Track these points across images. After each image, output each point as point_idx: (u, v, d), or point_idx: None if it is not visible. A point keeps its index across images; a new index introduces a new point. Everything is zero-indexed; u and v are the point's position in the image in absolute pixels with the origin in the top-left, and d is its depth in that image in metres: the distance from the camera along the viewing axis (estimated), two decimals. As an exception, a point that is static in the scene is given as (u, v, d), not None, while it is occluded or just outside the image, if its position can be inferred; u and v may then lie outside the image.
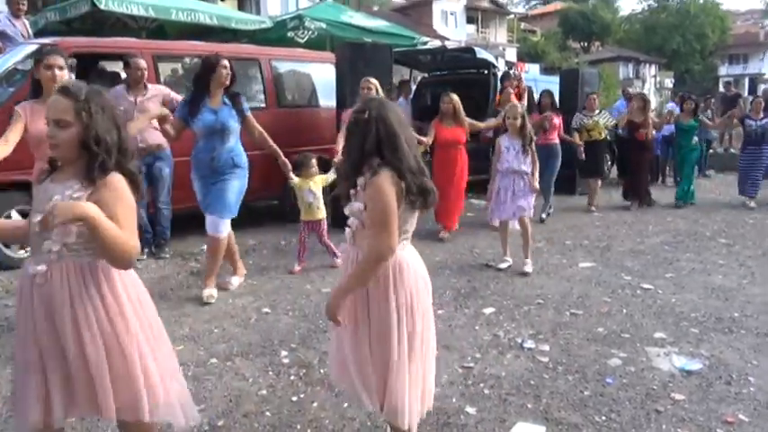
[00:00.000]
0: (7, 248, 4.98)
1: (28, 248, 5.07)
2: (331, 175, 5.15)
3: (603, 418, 2.78)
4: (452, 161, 6.18)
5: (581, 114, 8.09)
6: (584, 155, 7.83)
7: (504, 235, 5.32)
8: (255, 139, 4.51)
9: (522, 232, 5.20)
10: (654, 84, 45.78)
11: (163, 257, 5.44)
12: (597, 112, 8.08)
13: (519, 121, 5.07)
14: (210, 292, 4.34)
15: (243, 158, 4.38)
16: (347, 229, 2.18)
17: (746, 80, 46.88)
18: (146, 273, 5.04)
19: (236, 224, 4.54)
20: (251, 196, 6.34)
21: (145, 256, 5.39)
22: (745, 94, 29.71)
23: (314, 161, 5.16)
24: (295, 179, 4.99)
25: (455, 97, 6.12)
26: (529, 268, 5.07)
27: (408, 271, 2.10)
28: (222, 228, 4.29)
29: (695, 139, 8.57)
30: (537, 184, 5.19)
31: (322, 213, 5.19)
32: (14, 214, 4.97)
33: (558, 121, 7.44)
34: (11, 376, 3.14)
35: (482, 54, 8.78)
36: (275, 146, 4.53)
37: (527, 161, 5.10)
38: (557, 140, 7.41)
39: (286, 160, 4.62)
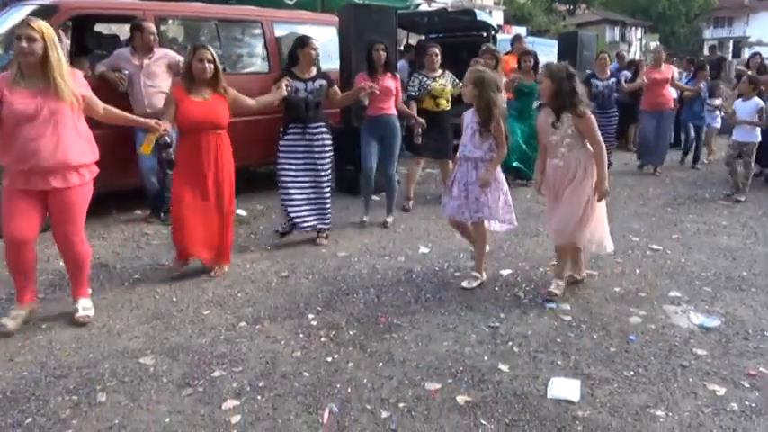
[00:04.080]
0: None
1: None
2: None
3: (632, 372, 2.87)
4: (207, 150, 3.97)
5: (422, 75, 5.94)
6: (419, 136, 5.65)
7: (464, 234, 4.23)
8: None
9: (474, 238, 4.09)
10: (640, 47, 45.71)
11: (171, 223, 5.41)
12: (440, 72, 5.97)
13: (470, 90, 3.80)
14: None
15: None
16: (564, 150, 3.62)
17: (731, 43, 46.99)
18: (157, 238, 5.03)
19: (239, 190, 4.43)
20: (253, 161, 6.37)
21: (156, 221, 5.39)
22: (729, 57, 29.81)
23: None
24: None
25: (209, 53, 3.91)
26: (469, 284, 3.94)
27: None
28: None
29: (536, 103, 6.54)
30: (489, 176, 3.82)
31: None
32: None
33: (393, 84, 5.43)
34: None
35: (482, 16, 8.70)
36: None
37: (484, 146, 3.87)
38: (393, 111, 5.46)
39: None
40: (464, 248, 4.74)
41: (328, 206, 4.90)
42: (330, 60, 6.67)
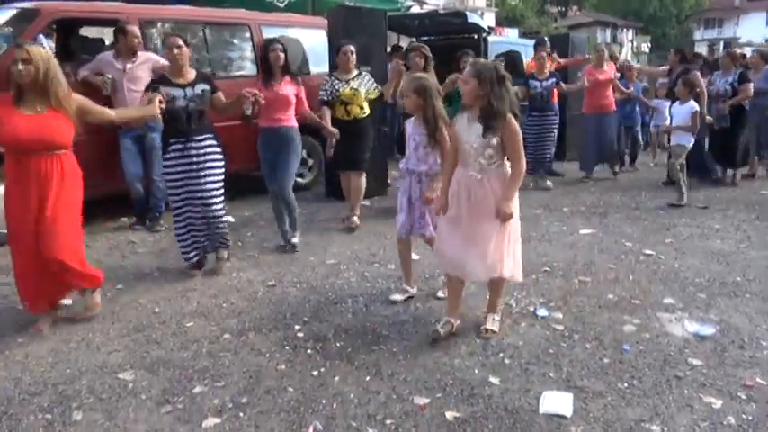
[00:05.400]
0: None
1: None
2: None
3: (626, 384, 2.80)
4: (38, 176, 3.15)
5: (333, 78, 5.32)
6: (333, 148, 5.19)
7: (403, 255, 3.86)
8: None
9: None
10: (631, 48, 45.87)
11: (157, 230, 5.32)
12: (355, 74, 5.32)
13: (414, 100, 3.49)
14: None
15: None
16: (484, 161, 3.09)
17: (721, 44, 47.13)
18: (143, 246, 4.94)
19: (228, 197, 4.28)
20: (238, 166, 6.28)
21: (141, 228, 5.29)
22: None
23: None
24: None
25: (25, 51, 3.05)
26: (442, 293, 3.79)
27: None
28: None
29: None
30: (432, 193, 3.53)
31: None
32: None
33: (292, 90, 4.65)
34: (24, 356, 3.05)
35: (473, 18, 8.64)
36: None
37: (430, 159, 3.57)
38: (292, 122, 4.68)
39: None
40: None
41: (223, 225, 4.24)
42: (319, 64, 6.62)
